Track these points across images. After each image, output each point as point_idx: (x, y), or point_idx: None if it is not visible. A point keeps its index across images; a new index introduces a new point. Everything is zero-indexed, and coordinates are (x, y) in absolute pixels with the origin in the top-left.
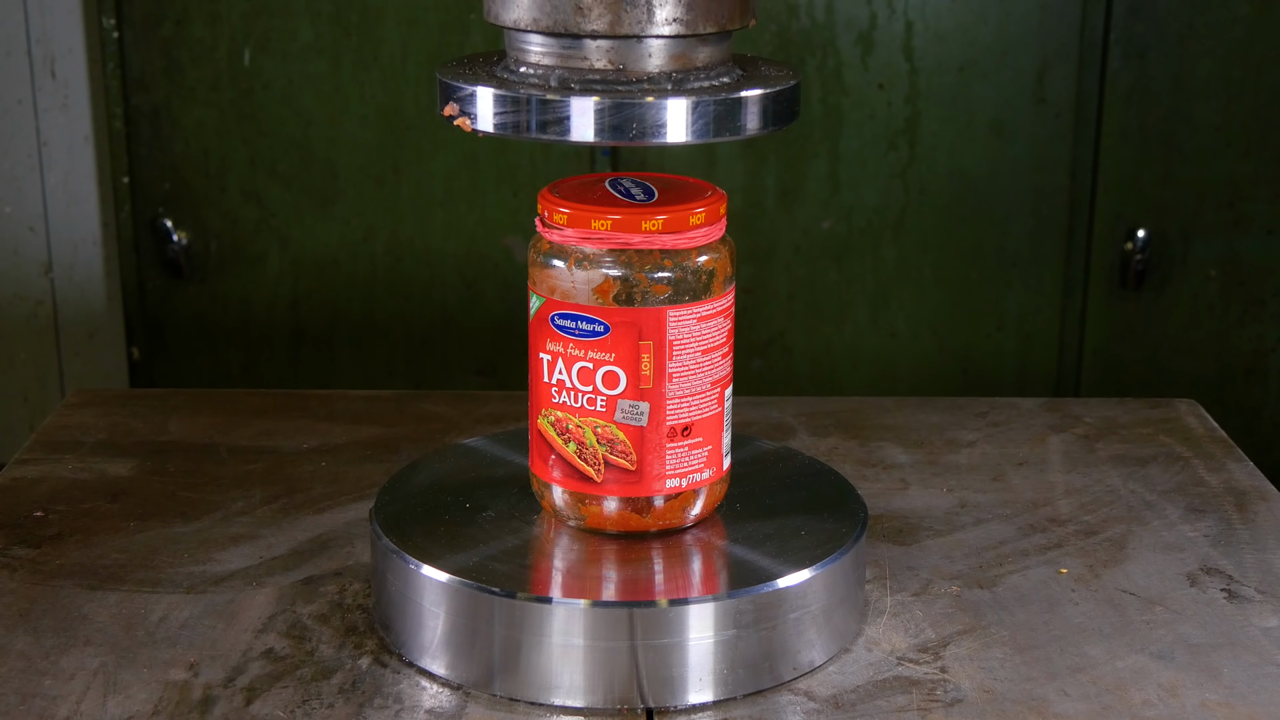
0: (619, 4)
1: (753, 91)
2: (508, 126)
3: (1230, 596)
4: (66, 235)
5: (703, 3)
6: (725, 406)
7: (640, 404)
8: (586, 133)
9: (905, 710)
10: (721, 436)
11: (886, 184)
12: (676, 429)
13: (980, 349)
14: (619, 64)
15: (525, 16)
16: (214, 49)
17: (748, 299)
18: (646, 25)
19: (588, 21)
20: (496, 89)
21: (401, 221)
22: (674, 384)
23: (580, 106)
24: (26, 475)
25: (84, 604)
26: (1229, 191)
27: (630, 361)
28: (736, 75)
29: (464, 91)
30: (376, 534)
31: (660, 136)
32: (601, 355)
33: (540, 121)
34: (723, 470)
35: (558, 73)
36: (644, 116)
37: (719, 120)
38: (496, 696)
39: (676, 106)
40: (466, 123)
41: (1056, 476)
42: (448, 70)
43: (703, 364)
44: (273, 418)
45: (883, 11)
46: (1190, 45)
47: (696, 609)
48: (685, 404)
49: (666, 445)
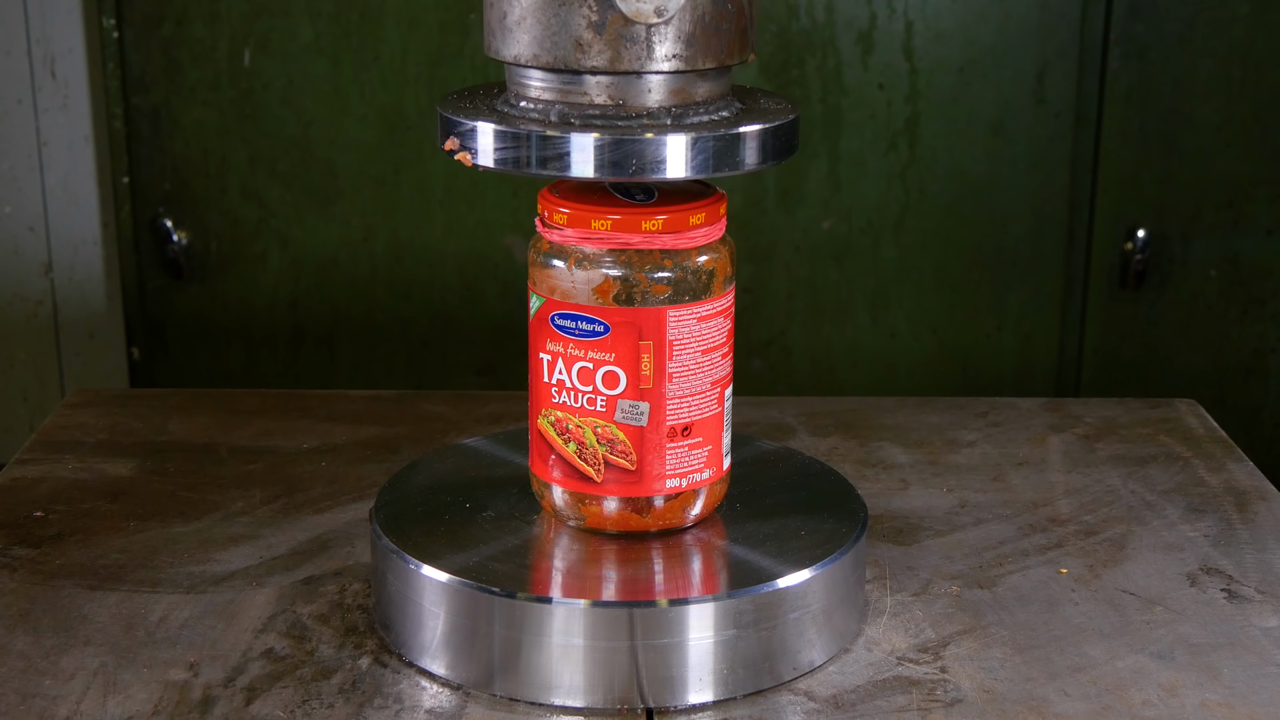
0: (619, 41)
1: (751, 127)
2: (508, 162)
3: (1230, 596)
4: (66, 235)
5: (702, 39)
6: (725, 406)
7: (640, 404)
8: (586, 169)
9: (905, 710)
10: (721, 436)
11: (886, 184)
12: (677, 429)
13: (980, 349)
14: (619, 99)
15: (526, 53)
16: (214, 49)
17: (748, 299)
18: (646, 61)
19: (588, 58)
20: (497, 124)
21: (401, 221)
22: (674, 384)
23: (580, 143)
24: (26, 475)
25: (84, 604)
26: (1229, 191)
27: (630, 361)
28: (736, 109)
29: (464, 126)
30: (376, 534)
31: (660, 172)
32: (601, 355)
33: (540, 157)
34: (723, 470)
35: (558, 108)
36: (643, 152)
37: (718, 156)
38: (496, 696)
39: (676, 143)
40: (467, 157)
41: (1056, 476)
42: (448, 104)
43: (703, 364)
44: (273, 418)
45: (883, 11)
46: (1190, 45)
47: (696, 609)
48: (685, 404)
49: (666, 445)
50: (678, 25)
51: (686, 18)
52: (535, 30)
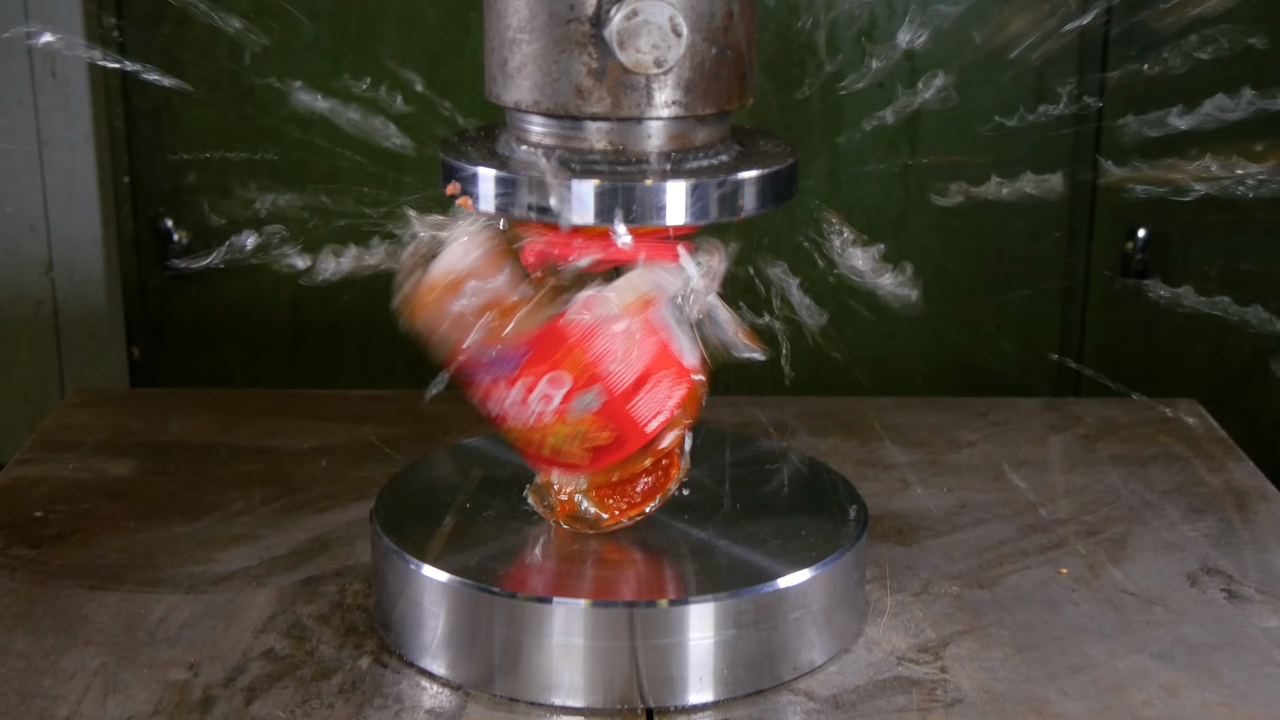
0: (619, 88)
1: (750, 173)
2: (509, 207)
3: (1230, 596)
4: (66, 235)
5: (702, 86)
6: (658, 324)
7: (586, 393)
8: (586, 215)
9: (905, 710)
10: (671, 353)
11: (886, 184)
12: (630, 388)
13: (980, 349)
14: (619, 145)
15: (526, 98)
16: (214, 49)
17: (748, 299)
18: (646, 108)
19: (588, 104)
20: (498, 170)
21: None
22: (609, 358)
23: (580, 190)
24: (26, 475)
25: (84, 604)
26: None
27: (565, 364)
28: (735, 152)
29: (466, 172)
30: (376, 534)
31: (660, 219)
32: (536, 369)
33: (541, 205)
34: (688, 373)
35: (558, 153)
36: (644, 199)
37: (717, 202)
38: (496, 696)
39: (675, 190)
40: (468, 202)
41: (1056, 476)
42: (450, 148)
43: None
44: (273, 418)
45: (883, 11)
46: (1190, 45)
47: (696, 609)
48: (625, 365)
49: (628, 405)
50: (677, 72)
51: (686, 65)
52: (536, 76)
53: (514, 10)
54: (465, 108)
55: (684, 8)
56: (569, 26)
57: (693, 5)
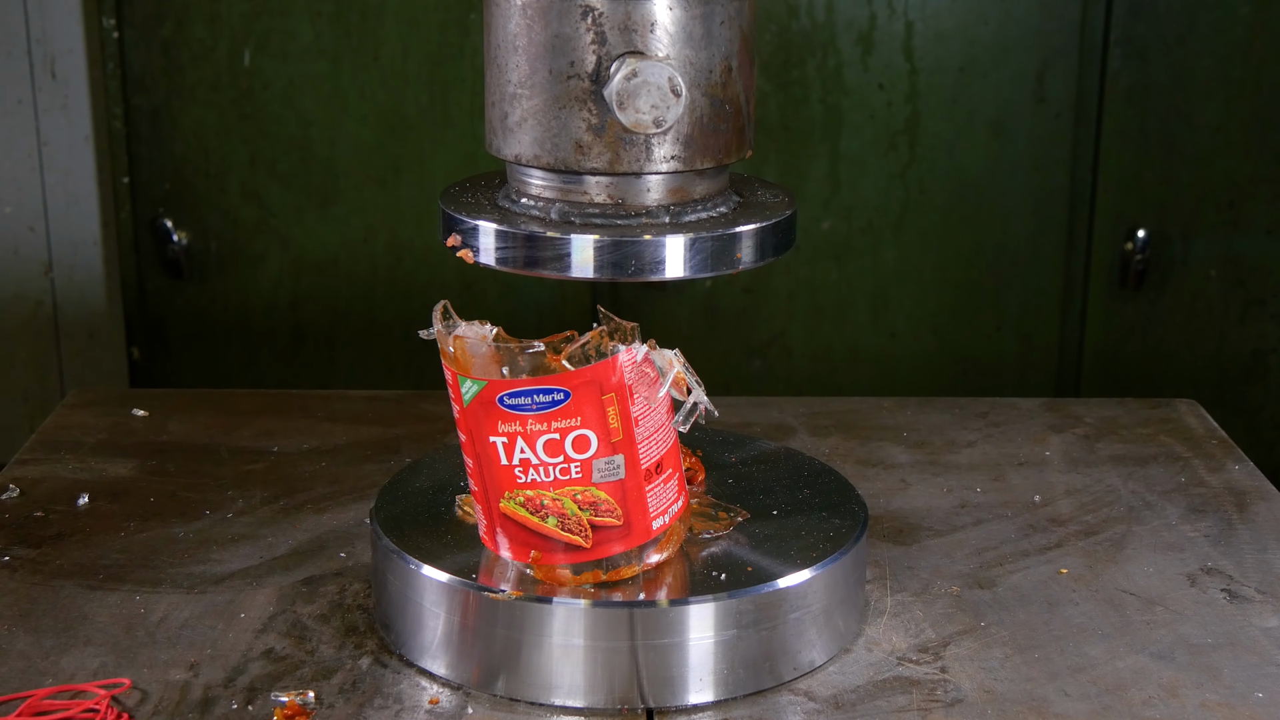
0: (618, 143)
1: (748, 226)
2: (509, 261)
3: (1230, 596)
4: (66, 235)
5: (700, 140)
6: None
7: (615, 458)
8: (586, 269)
9: (905, 710)
10: (679, 452)
11: (886, 184)
12: (651, 469)
13: (980, 349)
14: (618, 198)
15: (527, 153)
16: (214, 49)
17: (748, 299)
18: (645, 163)
19: (588, 159)
20: (498, 224)
21: (401, 222)
22: (641, 427)
23: (580, 244)
24: (26, 475)
25: (84, 604)
26: (1229, 191)
27: (598, 420)
28: (734, 203)
29: (467, 225)
30: (376, 534)
31: (659, 273)
32: (567, 422)
33: (541, 258)
34: (685, 488)
35: (558, 206)
36: (642, 254)
37: (715, 255)
38: (496, 696)
39: (674, 244)
40: (469, 255)
41: (1056, 476)
42: (450, 199)
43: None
44: (273, 418)
45: (883, 11)
46: (1190, 45)
47: (697, 609)
48: (652, 443)
49: (646, 488)
50: (676, 128)
51: (685, 120)
52: (536, 131)
53: (515, 66)
54: (466, 107)
55: (683, 63)
56: (569, 83)
57: (691, 61)
